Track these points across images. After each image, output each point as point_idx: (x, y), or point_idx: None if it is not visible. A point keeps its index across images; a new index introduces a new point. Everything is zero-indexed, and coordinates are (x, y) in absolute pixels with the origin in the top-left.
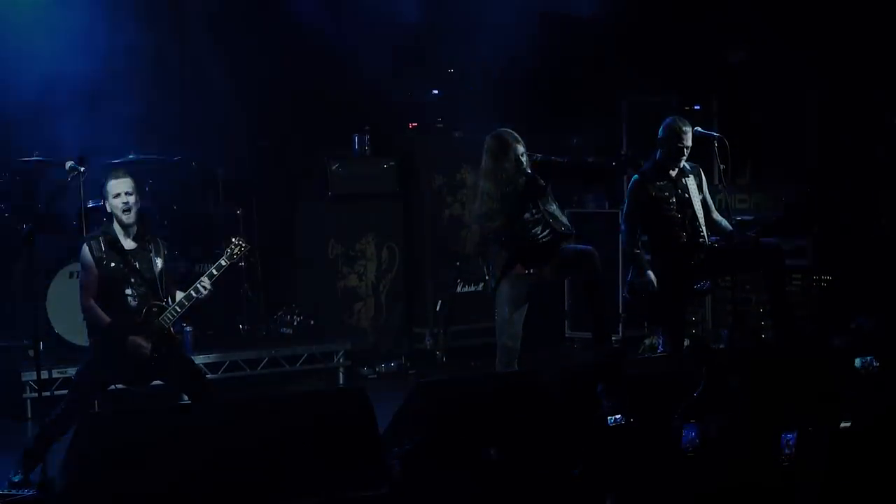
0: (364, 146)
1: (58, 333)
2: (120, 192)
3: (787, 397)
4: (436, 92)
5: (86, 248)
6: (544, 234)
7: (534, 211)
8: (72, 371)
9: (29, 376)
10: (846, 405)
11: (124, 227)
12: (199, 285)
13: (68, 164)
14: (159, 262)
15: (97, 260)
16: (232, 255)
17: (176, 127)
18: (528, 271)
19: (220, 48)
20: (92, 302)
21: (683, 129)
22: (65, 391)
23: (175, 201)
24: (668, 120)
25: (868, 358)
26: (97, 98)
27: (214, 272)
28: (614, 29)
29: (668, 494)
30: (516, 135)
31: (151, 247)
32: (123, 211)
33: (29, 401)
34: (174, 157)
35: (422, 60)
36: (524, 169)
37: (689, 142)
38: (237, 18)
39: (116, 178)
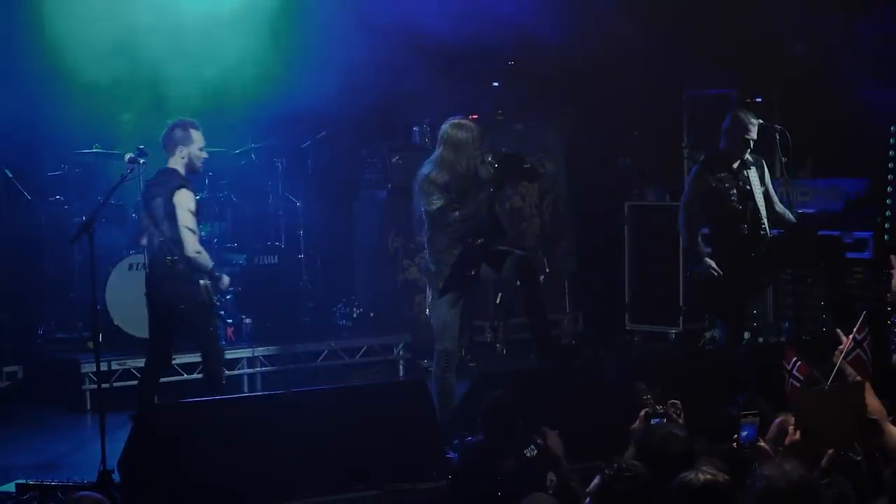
0: (424, 138)
1: (117, 325)
2: (202, 145)
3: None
4: (496, 84)
5: (192, 193)
6: (488, 232)
7: (485, 208)
8: (131, 363)
9: (88, 368)
10: None
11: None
12: None
13: (128, 156)
14: None
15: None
16: None
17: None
18: (471, 273)
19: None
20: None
21: (751, 121)
22: (123, 383)
23: (234, 193)
24: (735, 111)
25: None
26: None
27: None
28: (676, 21)
29: None
30: (474, 126)
31: None
32: (201, 162)
33: (88, 392)
34: (235, 150)
35: (482, 52)
36: (483, 164)
37: (754, 134)
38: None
39: (199, 130)
